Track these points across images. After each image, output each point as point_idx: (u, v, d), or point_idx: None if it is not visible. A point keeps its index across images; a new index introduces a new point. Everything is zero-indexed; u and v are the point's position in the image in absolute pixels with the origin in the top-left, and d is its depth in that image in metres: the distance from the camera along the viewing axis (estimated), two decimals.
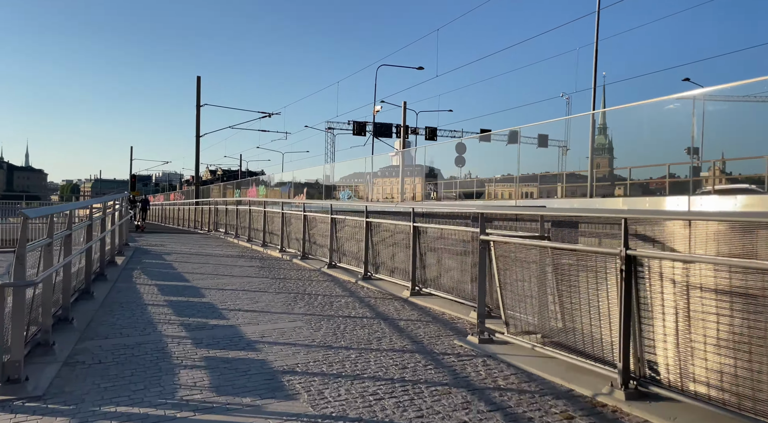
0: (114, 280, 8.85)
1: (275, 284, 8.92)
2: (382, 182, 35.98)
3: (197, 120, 30.27)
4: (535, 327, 4.73)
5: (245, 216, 17.97)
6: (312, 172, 39.17)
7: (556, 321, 4.49)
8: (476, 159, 36.29)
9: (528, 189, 31.00)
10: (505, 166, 34.86)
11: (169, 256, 12.66)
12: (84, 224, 7.24)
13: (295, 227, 13.44)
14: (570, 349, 4.33)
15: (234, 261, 12.18)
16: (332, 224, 10.83)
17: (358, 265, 9.95)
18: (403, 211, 9.15)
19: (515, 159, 36.58)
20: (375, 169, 36.50)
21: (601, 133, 41.24)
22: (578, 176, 28.17)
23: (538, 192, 29.12)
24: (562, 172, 30.07)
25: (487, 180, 31.12)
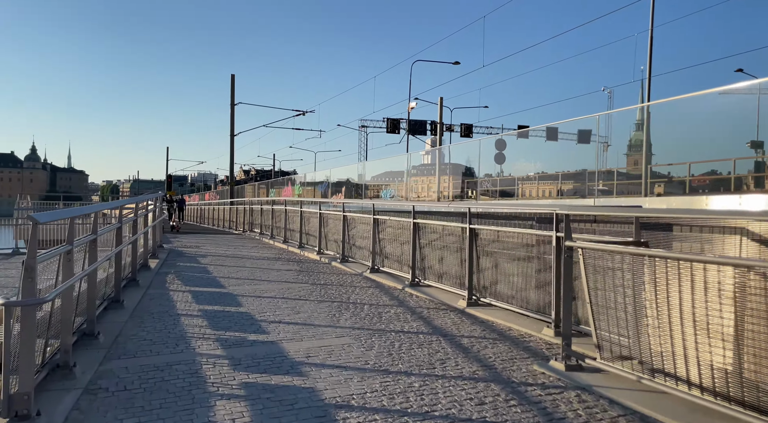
0: (146, 286, 8.33)
1: (316, 291, 8.25)
2: (414, 181, 35.20)
3: (232, 118, 30.03)
4: (637, 353, 3.90)
5: (281, 216, 17.44)
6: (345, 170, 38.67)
7: (659, 345, 3.66)
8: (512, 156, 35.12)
9: (565, 186, 29.79)
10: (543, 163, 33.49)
11: (204, 259, 12.17)
12: (112, 227, 6.70)
13: (333, 228, 12.79)
14: (690, 383, 3.49)
15: (270, 264, 11.61)
16: (374, 225, 10.11)
17: (403, 270, 9.21)
18: (454, 211, 8.37)
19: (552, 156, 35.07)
20: (402, 168, 35.78)
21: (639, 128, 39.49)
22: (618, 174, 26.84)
23: (573, 189, 27.99)
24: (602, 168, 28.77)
25: (523, 178, 30.02)
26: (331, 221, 12.95)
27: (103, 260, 5.81)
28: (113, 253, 6.57)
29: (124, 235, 8.14)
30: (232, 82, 29.85)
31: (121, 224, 6.86)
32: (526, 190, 30.55)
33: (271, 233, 18.09)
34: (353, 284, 8.98)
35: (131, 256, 8.39)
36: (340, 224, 12.21)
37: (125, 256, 8.17)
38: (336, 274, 10.13)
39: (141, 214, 9.34)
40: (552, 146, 37.08)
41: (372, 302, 7.41)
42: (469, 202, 16.31)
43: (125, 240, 7.49)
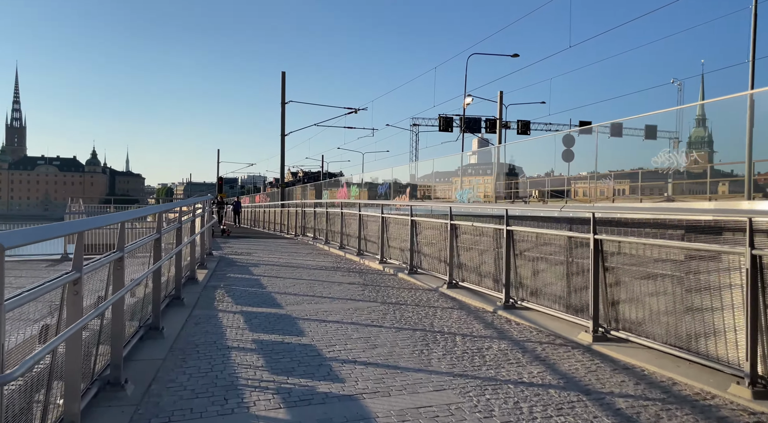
0: (192, 306, 7.14)
1: (390, 313, 6.85)
2: (460, 181, 33.43)
3: (282, 117, 29.13)
4: None
5: (335, 220, 16.20)
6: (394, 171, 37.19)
7: None
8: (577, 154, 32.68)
9: (620, 186, 27.62)
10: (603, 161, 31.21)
11: (256, 269, 11.00)
12: (148, 239, 5.49)
13: (397, 234, 11.39)
14: None
15: (330, 275, 10.30)
16: (451, 232, 8.63)
17: (489, 286, 7.70)
18: (559, 216, 6.80)
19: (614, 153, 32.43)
20: (453, 168, 33.97)
21: (700, 125, 36.52)
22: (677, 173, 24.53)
23: (629, 189, 25.87)
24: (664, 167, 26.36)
25: (574, 178, 27.79)
26: (394, 226, 11.56)
27: (133, 285, 4.58)
28: (150, 272, 5.36)
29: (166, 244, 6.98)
30: (282, 79, 28.92)
31: (160, 235, 5.65)
32: (579, 191, 28.39)
33: (326, 238, 16.88)
34: (431, 303, 7.53)
35: (175, 270, 7.23)
36: (405, 230, 10.79)
37: (167, 271, 7.01)
38: (407, 290, 8.71)
39: (188, 220, 8.19)
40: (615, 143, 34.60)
41: (464, 331, 5.93)
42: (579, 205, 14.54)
43: (166, 253, 6.31)
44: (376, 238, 12.76)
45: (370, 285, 9.12)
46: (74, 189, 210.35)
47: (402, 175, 29.24)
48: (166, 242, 7.03)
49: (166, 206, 6.17)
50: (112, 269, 4.10)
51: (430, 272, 9.69)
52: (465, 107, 33.19)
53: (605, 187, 27.72)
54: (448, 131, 43.28)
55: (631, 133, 36.53)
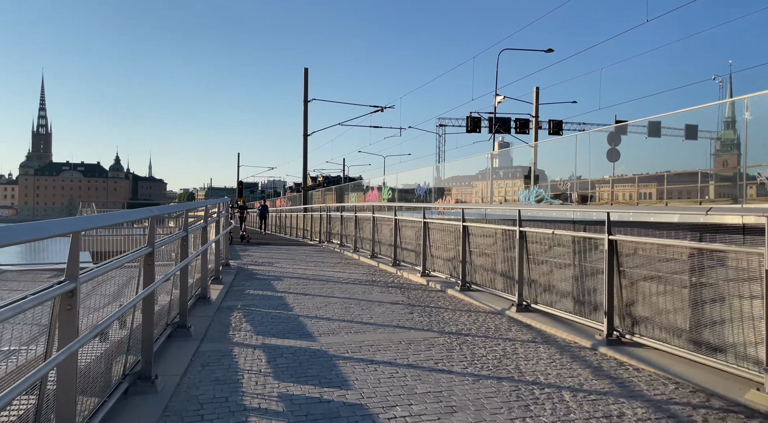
0: (201, 337, 5.61)
1: (455, 349, 5.23)
2: (482, 185, 31.64)
3: (305, 116, 27.67)
4: None
5: (366, 225, 14.64)
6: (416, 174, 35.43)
7: None
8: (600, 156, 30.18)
9: (646, 190, 25.75)
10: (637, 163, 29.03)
11: (280, 284, 9.46)
12: (136, 254, 3.97)
13: (442, 242, 9.76)
14: None
15: (366, 291, 8.72)
16: (521, 242, 6.97)
17: (575, 311, 6.04)
18: (680, 221, 5.13)
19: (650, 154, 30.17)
20: (474, 172, 32.05)
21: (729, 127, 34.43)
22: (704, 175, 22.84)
23: (656, 193, 24.06)
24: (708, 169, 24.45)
25: (598, 181, 25.77)
26: (438, 233, 9.93)
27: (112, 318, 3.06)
28: (138, 299, 3.84)
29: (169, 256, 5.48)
30: (305, 76, 27.47)
31: (153, 248, 4.12)
32: (604, 194, 26.42)
33: (354, 245, 15.31)
34: (503, 334, 5.89)
35: (180, 289, 5.71)
36: (452, 237, 9.19)
37: (169, 293, 5.50)
38: (464, 312, 7.08)
39: (194, 229, 6.68)
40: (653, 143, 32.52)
41: (569, 383, 4.28)
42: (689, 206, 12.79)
43: (164, 273, 4.79)
44: (415, 246, 11.15)
45: (418, 305, 7.51)
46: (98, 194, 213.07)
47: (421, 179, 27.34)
48: (168, 255, 5.54)
49: (161, 210, 4.67)
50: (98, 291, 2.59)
51: (488, 289, 8.04)
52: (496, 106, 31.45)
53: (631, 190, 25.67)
54: (476, 132, 41.50)
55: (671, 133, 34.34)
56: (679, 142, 33.81)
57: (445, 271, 9.62)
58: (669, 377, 4.38)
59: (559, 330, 5.87)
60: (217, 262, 9.16)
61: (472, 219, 9.06)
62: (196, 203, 6.50)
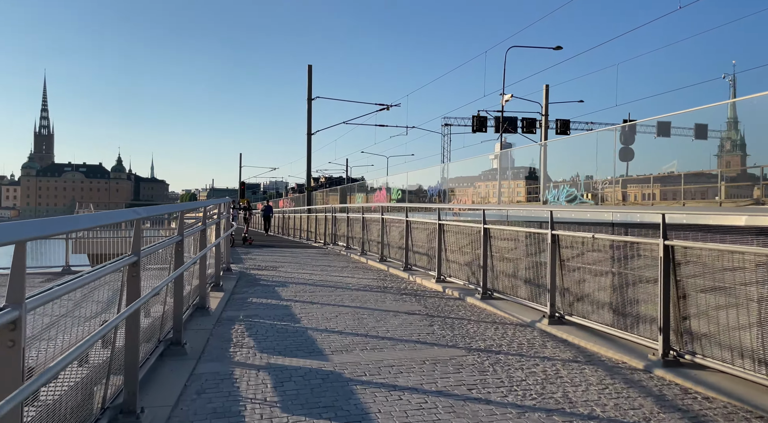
0: (197, 355, 4.94)
1: (488, 371, 4.56)
2: (485, 186, 30.92)
3: (308, 114, 26.98)
4: None
5: (373, 227, 13.97)
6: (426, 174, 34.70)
7: None
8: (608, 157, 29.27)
9: (647, 190, 25.11)
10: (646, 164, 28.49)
11: (285, 290, 8.79)
12: (119, 264, 3.31)
13: (458, 245, 9.09)
14: None
15: (379, 299, 8.05)
16: (553, 247, 6.29)
17: (615, 325, 5.36)
18: None
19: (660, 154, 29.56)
20: (477, 173, 31.29)
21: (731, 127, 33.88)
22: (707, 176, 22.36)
23: (660, 194, 23.43)
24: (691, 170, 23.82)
25: (602, 182, 25.02)
26: (454, 236, 9.26)
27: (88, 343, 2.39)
28: (119, 319, 3.18)
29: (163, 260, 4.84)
30: (309, 73, 26.81)
31: (138, 257, 3.46)
32: (608, 195, 25.71)
33: (362, 248, 14.64)
34: (539, 351, 5.21)
35: (174, 300, 5.05)
36: (469, 240, 8.54)
37: (163, 302, 4.84)
38: (489, 324, 6.41)
39: (191, 232, 6.02)
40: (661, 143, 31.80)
41: (636, 421, 3.60)
42: None
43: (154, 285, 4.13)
44: (427, 249, 10.48)
45: (437, 316, 6.84)
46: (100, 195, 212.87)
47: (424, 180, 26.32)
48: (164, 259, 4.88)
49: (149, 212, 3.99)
50: None
51: (512, 297, 7.37)
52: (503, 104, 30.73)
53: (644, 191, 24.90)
54: (482, 131, 40.85)
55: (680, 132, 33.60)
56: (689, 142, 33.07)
57: (462, 276, 8.95)
58: (749, 409, 3.70)
59: (602, 347, 5.20)
60: (218, 267, 8.51)
61: (492, 221, 8.39)
62: (193, 204, 5.84)
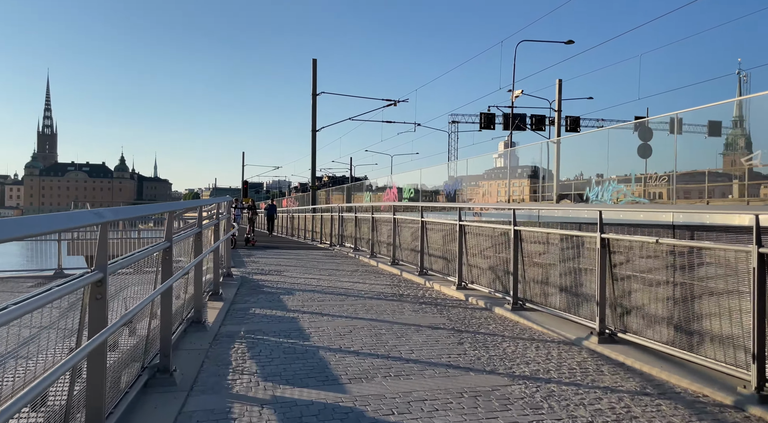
0: (188, 386, 4.11)
1: (543, 405, 3.72)
2: (488, 185, 30.04)
3: (313, 110, 26.09)
4: None
5: (385, 228, 13.14)
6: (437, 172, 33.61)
7: None
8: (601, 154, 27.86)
9: (657, 189, 24.26)
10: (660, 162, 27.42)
11: (291, 299, 7.95)
12: (75, 284, 2.47)
13: (480, 249, 8.25)
14: None
15: (396, 309, 7.21)
16: (603, 252, 5.43)
17: (688, 347, 4.51)
18: None
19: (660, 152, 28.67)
20: (480, 172, 30.36)
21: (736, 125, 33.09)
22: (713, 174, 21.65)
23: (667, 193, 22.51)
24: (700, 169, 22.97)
25: (622, 179, 24.05)
26: (476, 238, 8.42)
27: None
28: (76, 359, 2.34)
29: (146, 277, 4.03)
30: (313, 67, 25.91)
31: (105, 274, 2.63)
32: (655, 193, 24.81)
33: (371, 250, 13.80)
34: (595, 379, 4.36)
35: (161, 319, 4.22)
36: (491, 242, 7.70)
37: (148, 320, 4.02)
38: (527, 341, 5.57)
39: (182, 237, 5.18)
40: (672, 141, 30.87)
41: None
42: None
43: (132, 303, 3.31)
44: (443, 252, 9.64)
45: (465, 331, 6.00)
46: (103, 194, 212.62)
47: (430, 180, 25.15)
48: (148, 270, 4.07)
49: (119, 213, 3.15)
50: None
51: (547, 308, 6.52)
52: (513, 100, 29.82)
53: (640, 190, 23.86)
54: (490, 128, 39.95)
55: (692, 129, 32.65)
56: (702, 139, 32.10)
57: (485, 283, 8.10)
58: None
59: (672, 374, 4.34)
60: (216, 273, 7.68)
61: (522, 222, 7.54)
62: (183, 203, 5.00)
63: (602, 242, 5.43)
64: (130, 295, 3.74)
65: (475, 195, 29.05)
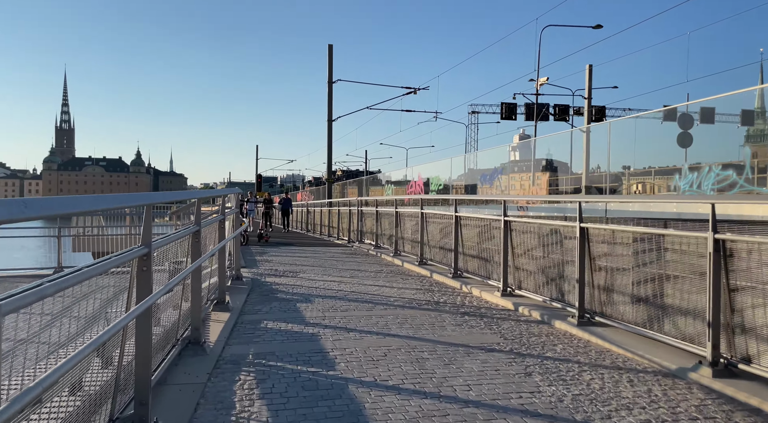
0: None
1: None
2: (507, 178, 28.57)
3: (329, 99, 24.85)
4: None
5: (411, 223, 11.94)
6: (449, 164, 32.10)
7: None
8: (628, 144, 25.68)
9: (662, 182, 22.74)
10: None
11: (309, 309, 6.78)
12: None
13: (528, 248, 7.02)
14: None
15: (435, 322, 6.01)
16: (718, 258, 4.17)
17: None
18: None
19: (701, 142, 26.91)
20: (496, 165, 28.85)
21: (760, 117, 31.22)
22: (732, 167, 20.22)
23: None
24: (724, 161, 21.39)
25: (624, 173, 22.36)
26: (522, 236, 7.19)
27: None
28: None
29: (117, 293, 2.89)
30: (329, 54, 24.66)
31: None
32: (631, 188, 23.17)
33: (395, 247, 12.60)
34: None
35: (135, 352, 3.07)
36: (539, 241, 6.47)
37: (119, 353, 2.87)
38: (612, 372, 4.34)
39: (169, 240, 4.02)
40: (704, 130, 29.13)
41: None
42: None
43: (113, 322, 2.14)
44: (479, 251, 8.43)
45: (529, 355, 4.78)
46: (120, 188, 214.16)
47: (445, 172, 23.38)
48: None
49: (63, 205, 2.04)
50: None
51: (625, 324, 5.28)
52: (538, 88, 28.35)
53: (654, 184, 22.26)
54: (511, 119, 38.47)
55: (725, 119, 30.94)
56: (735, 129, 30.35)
57: (536, 288, 6.87)
58: None
59: None
60: (222, 277, 6.54)
61: (587, 218, 6.29)
62: (165, 194, 3.82)
63: (716, 244, 4.17)
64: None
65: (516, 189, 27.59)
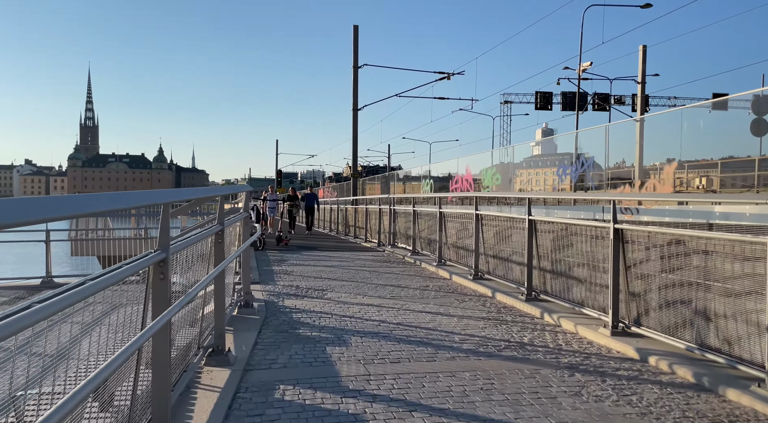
0: None
1: None
2: (527, 174, 26.19)
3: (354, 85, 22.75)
4: None
5: (457, 226, 9.89)
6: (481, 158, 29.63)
7: None
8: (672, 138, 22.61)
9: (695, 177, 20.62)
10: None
11: (345, 359, 4.76)
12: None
13: (653, 270, 4.93)
14: None
15: (540, 389, 3.98)
16: None
17: None
18: None
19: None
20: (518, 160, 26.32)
21: None
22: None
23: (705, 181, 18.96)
24: None
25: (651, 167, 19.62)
26: (637, 252, 5.10)
27: None
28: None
29: None
30: (354, 35, 22.52)
31: None
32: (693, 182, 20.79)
33: (439, 255, 10.54)
34: None
35: None
36: (657, 254, 4.39)
37: None
38: None
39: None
40: None
41: None
42: None
43: None
44: (568, 268, 6.36)
45: None
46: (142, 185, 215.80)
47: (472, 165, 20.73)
48: None
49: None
50: None
51: None
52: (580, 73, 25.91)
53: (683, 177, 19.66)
54: (547, 109, 36.10)
55: None
56: None
57: (667, 328, 4.79)
58: None
59: None
60: (220, 313, 4.57)
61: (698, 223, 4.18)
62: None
63: None
64: None
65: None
